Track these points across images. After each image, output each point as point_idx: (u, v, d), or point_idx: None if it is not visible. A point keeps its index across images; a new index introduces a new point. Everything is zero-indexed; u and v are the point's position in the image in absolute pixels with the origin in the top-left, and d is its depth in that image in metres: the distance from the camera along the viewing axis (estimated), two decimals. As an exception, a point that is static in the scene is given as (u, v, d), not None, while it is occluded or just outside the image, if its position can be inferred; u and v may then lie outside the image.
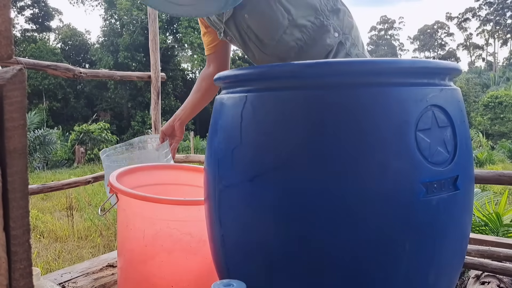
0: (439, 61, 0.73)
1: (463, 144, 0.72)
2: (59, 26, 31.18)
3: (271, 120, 0.69)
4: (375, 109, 0.64)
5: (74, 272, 1.46)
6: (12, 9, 0.46)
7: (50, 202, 5.72)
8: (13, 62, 1.06)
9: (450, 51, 51.77)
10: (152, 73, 2.25)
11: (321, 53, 1.30)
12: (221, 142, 0.77)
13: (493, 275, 1.50)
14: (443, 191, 0.67)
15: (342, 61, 0.73)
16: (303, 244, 0.68)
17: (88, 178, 2.10)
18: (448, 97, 0.71)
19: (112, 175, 1.13)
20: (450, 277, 0.76)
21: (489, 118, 18.12)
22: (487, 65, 47.35)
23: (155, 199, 0.98)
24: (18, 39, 23.33)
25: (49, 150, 11.13)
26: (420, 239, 0.67)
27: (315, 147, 0.65)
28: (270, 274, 0.72)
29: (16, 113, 0.29)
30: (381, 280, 0.67)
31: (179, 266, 1.04)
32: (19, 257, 0.29)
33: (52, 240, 3.93)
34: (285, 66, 0.69)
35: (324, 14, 1.30)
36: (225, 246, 0.79)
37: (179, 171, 1.36)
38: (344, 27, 1.34)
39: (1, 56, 0.30)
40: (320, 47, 1.31)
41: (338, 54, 1.33)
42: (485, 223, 2.68)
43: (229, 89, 0.80)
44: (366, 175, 0.64)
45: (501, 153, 12.85)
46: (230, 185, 0.74)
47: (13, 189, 0.29)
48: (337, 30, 1.32)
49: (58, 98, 20.66)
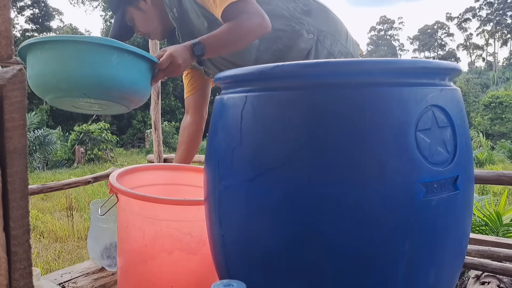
0: (439, 61, 0.72)
1: (463, 144, 0.72)
2: (60, 26, 31.21)
3: (271, 120, 0.69)
4: (375, 109, 0.64)
5: (74, 272, 1.46)
6: (12, 9, 0.46)
7: (50, 202, 5.72)
8: (13, 62, 1.06)
9: (450, 51, 51.78)
10: (152, 73, 2.26)
11: (298, 58, 1.29)
12: (221, 142, 0.77)
13: (493, 275, 1.49)
14: (443, 191, 0.67)
15: (342, 61, 0.73)
16: (303, 244, 0.68)
17: (88, 178, 2.10)
18: (448, 97, 0.71)
19: (112, 175, 1.13)
20: (450, 277, 0.76)
21: (489, 118, 18.13)
22: (487, 65, 47.36)
23: (155, 199, 0.98)
24: (18, 39, 23.33)
25: (49, 150, 11.12)
26: (420, 239, 0.67)
27: (315, 147, 0.65)
28: (270, 274, 0.72)
29: (16, 113, 0.29)
30: (381, 280, 0.67)
31: (179, 266, 1.04)
32: (19, 257, 0.29)
33: (52, 240, 3.92)
34: (285, 66, 0.69)
35: (294, 19, 1.29)
36: (225, 246, 0.79)
37: (179, 171, 1.36)
38: (320, 24, 1.32)
39: (1, 56, 0.30)
40: (296, 52, 1.30)
41: (319, 55, 1.32)
42: (485, 223, 2.68)
43: (229, 89, 0.80)
44: (366, 175, 0.64)
45: (501, 153, 12.85)
46: (230, 185, 0.74)
47: (13, 189, 0.29)
48: (311, 31, 1.30)
49: (58, 98, 20.66)
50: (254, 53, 1.30)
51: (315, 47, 1.31)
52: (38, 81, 1.00)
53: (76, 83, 0.98)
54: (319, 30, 1.32)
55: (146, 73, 1.07)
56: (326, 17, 1.35)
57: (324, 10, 1.36)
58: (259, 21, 1.14)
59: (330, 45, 1.33)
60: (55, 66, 0.98)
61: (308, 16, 1.31)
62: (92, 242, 1.44)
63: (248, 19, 1.13)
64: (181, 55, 1.09)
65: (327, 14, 1.36)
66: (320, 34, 1.32)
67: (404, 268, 0.67)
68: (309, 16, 1.32)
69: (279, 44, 1.30)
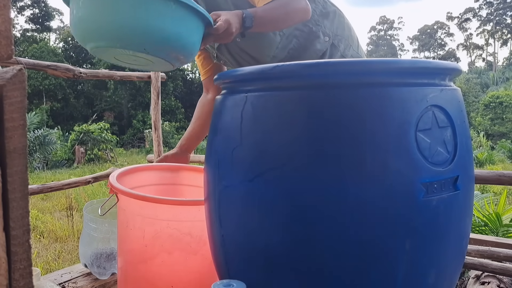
0: (439, 61, 0.72)
1: (463, 144, 0.72)
2: (60, 26, 31.22)
3: (271, 120, 0.69)
4: (375, 109, 0.64)
5: (74, 272, 1.46)
6: (12, 9, 0.46)
7: (50, 202, 5.72)
8: (13, 62, 1.06)
9: (450, 51, 51.76)
10: (152, 73, 2.26)
11: (312, 59, 1.29)
12: (221, 142, 0.77)
13: (493, 275, 1.49)
14: (443, 191, 0.67)
15: (342, 61, 0.73)
16: (303, 244, 0.68)
17: (88, 178, 2.10)
18: (448, 97, 0.71)
19: (112, 175, 1.13)
20: (450, 277, 0.76)
21: (490, 118, 18.12)
22: (487, 65, 47.32)
23: (155, 199, 0.98)
24: (18, 39, 23.32)
25: (49, 150, 11.12)
26: (420, 239, 0.67)
27: (315, 147, 0.65)
28: (270, 274, 0.72)
29: (16, 113, 0.29)
30: (381, 280, 0.67)
31: (179, 266, 1.04)
32: (19, 257, 0.29)
33: (52, 240, 3.92)
34: (285, 66, 0.69)
35: (312, 20, 1.30)
36: (225, 246, 0.79)
37: (179, 171, 1.36)
38: (335, 28, 1.34)
39: (1, 56, 0.30)
40: (311, 53, 1.31)
41: (332, 57, 1.33)
42: (485, 223, 2.68)
43: (229, 89, 0.80)
44: (366, 175, 0.64)
45: (501, 153, 12.84)
46: (230, 185, 0.74)
47: (13, 189, 0.29)
48: (327, 34, 1.32)
49: (58, 98, 20.66)
50: (273, 49, 1.30)
51: (330, 50, 1.32)
52: (80, 28, 0.92)
53: (125, 35, 0.88)
54: (335, 34, 1.34)
55: (200, 33, 0.99)
56: (342, 21, 1.37)
57: (341, 15, 1.38)
58: (305, 5, 1.17)
59: (344, 49, 1.34)
60: (102, 13, 0.87)
61: (325, 19, 1.33)
62: (83, 248, 1.43)
63: (296, 0, 1.15)
64: (234, 24, 1.06)
65: (343, 19, 1.38)
66: (335, 38, 1.33)
67: (404, 268, 0.67)
68: (326, 19, 1.33)
69: (295, 43, 1.30)
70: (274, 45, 1.29)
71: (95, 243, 1.39)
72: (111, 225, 1.36)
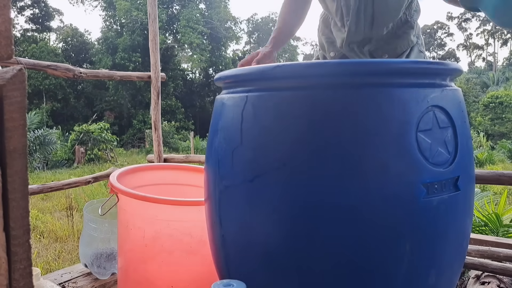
0: (440, 61, 0.72)
1: (464, 145, 0.72)
2: (60, 26, 31.19)
3: (272, 120, 0.69)
4: (376, 109, 0.64)
5: (74, 272, 1.46)
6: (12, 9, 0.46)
7: (50, 202, 5.71)
8: (13, 62, 1.06)
9: (450, 51, 51.73)
10: (152, 73, 2.25)
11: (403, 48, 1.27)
12: (221, 142, 0.77)
13: (493, 275, 1.49)
14: (444, 191, 0.67)
15: (342, 62, 0.73)
16: (303, 244, 0.67)
17: (88, 178, 2.09)
18: (449, 98, 0.70)
19: (113, 175, 1.13)
20: (450, 277, 0.75)
21: (490, 118, 18.11)
22: (487, 65, 47.31)
23: (155, 199, 0.98)
24: (18, 39, 23.31)
25: (49, 150, 11.13)
26: (421, 240, 0.67)
27: (315, 148, 0.65)
28: (270, 274, 0.72)
29: (16, 113, 0.29)
30: (381, 280, 0.67)
31: (179, 266, 1.04)
32: (19, 257, 0.29)
33: (52, 240, 3.92)
34: (286, 66, 0.69)
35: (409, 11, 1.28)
36: (225, 246, 0.79)
37: (179, 171, 1.36)
38: (419, 31, 1.33)
39: (1, 56, 0.29)
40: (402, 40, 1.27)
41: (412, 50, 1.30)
42: (485, 223, 2.68)
43: (229, 89, 0.79)
44: (367, 176, 0.64)
45: (501, 153, 12.83)
46: (231, 185, 0.74)
47: (13, 189, 0.29)
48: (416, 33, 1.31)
49: (58, 98, 20.67)
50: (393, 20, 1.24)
51: (410, 50, 1.30)
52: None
53: None
54: (418, 35, 1.33)
55: None
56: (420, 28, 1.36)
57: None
58: None
59: (420, 44, 1.33)
60: None
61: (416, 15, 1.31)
62: (83, 248, 1.43)
63: None
64: None
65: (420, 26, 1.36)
66: (418, 41, 1.32)
67: (405, 268, 0.67)
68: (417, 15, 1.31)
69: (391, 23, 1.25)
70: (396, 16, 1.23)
71: (95, 243, 1.39)
72: (111, 225, 1.36)
